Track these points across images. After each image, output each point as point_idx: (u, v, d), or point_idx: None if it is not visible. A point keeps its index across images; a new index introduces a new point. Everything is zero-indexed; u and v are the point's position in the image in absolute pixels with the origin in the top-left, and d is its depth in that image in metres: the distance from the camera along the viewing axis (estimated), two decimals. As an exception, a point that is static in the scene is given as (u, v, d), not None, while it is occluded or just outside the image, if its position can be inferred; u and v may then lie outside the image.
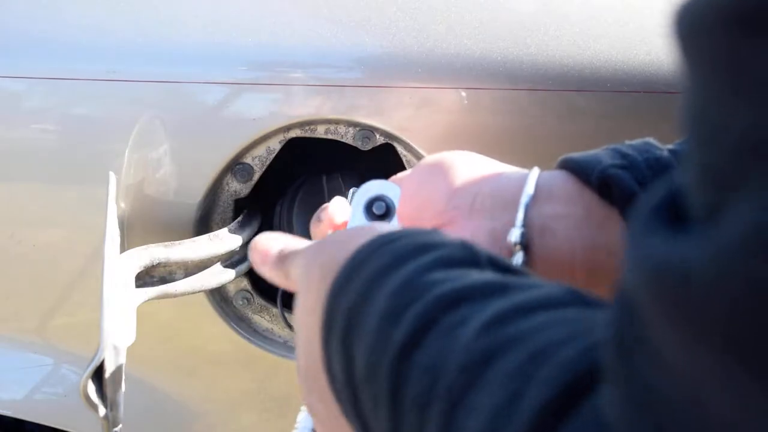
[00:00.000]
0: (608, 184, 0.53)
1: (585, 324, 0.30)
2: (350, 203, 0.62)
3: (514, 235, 0.53)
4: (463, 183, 0.56)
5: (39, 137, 0.85)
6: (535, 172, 0.57)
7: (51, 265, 0.88)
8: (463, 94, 0.80)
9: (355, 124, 0.82)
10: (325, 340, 0.39)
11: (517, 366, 0.29)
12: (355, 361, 0.36)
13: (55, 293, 0.89)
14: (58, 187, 0.86)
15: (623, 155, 0.55)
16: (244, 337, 0.90)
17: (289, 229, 0.91)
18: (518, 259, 0.54)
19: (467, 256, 0.37)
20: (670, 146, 0.58)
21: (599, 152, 0.56)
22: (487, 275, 0.36)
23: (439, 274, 0.35)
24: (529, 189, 0.54)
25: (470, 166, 0.57)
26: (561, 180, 0.56)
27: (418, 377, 0.32)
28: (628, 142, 0.58)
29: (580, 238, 0.54)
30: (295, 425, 0.55)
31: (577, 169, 0.55)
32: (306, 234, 0.89)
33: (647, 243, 0.24)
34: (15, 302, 0.91)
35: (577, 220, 0.54)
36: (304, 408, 0.54)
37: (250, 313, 0.91)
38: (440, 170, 0.57)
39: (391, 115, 0.81)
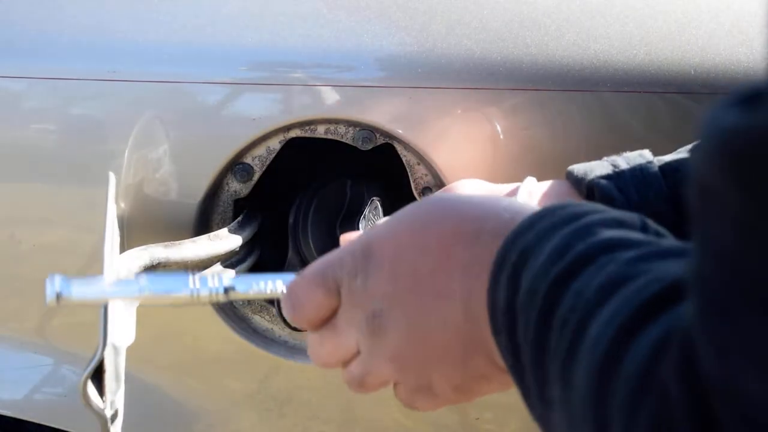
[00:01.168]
0: (593, 190, 0.63)
1: None
2: (364, 216, 0.65)
3: None
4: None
5: (39, 137, 0.85)
6: (528, 181, 0.67)
7: (51, 265, 0.88)
8: (463, 94, 0.80)
9: (355, 124, 0.82)
10: (494, 276, 0.44)
11: (636, 288, 0.36)
12: (520, 290, 0.42)
13: (55, 293, 0.89)
14: (58, 187, 0.86)
15: (614, 166, 0.66)
16: (244, 337, 0.90)
17: (304, 234, 0.90)
18: None
19: (627, 219, 0.43)
20: (665, 157, 0.65)
21: (595, 164, 0.67)
22: (640, 235, 0.42)
23: (605, 229, 0.42)
24: (521, 197, 0.66)
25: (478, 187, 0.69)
26: (558, 186, 0.68)
27: (568, 299, 0.39)
28: (625, 153, 0.68)
29: None
30: None
31: (571, 178, 0.67)
32: (321, 238, 0.89)
33: (717, 118, 0.28)
34: (15, 302, 0.91)
35: None
36: None
37: (250, 313, 0.91)
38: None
39: (391, 115, 0.81)
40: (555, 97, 0.80)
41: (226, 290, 0.59)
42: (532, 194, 0.68)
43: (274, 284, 0.60)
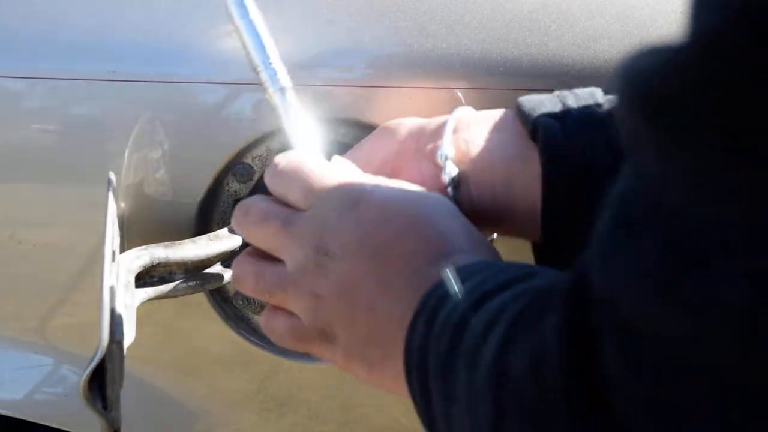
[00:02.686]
0: (537, 128, 0.63)
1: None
2: None
3: (439, 153, 0.65)
4: (408, 135, 0.69)
5: (39, 137, 0.85)
6: (457, 113, 0.69)
7: (51, 265, 0.88)
8: (463, 94, 0.80)
9: (355, 124, 0.82)
10: (413, 321, 0.49)
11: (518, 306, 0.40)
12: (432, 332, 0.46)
13: (55, 293, 0.89)
14: (58, 187, 0.86)
15: (563, 104, 0.65)
16: (244, 337, 0.90)
17: None
18: (451, 172, 0.65)
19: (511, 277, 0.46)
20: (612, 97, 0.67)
21: (545, 99, 0.67)
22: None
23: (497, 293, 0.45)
24: (454, 116, 0.68)
25: (415, 121, 0.71)
26: (503, 114, 0.68)
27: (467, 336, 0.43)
28: (577, 91, 0.68)
29: (500, 154, 0.65)
30: None
31: (519, 112, 0.66)
32: None
33: (631, 62, 0.30)
34: (15, 302, 0.91)
35: (501, 142, 0.65)
36: None
37: (250, 313, 0.91)
38: (388, 131, 0.71)
39: (390, 115, 0.81)
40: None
41: (282, 90, 0.68)
42: (460, 129, 0.69)
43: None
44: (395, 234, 0.52)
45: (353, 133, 0.83)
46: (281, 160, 0.62)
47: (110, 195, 0.71)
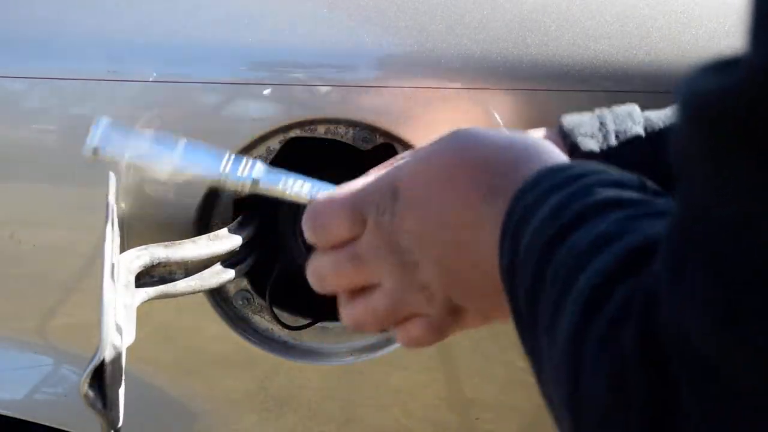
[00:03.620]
0: (576, 149, 0.65)
1: None
2: None
3: None
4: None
5: (39, 137, 0.85)
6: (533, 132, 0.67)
7: (51, 265, 0.88)
8: (463, 94, 0.80)
9: (355, 124, 0.82)
10: (503, 232, 0.46)
11: (623, 243, 0.37)
12: (520, 248, 0.44)
13: (55, 293, 0.89)
14: (58, 187, 0.86)
15: (602, 124, 0.67)
16: (244, 337, 0.90)
17: (294, 228, 0.91)
18: None
19: (626, 181, 0.44)
20: (651, 114, 0.68)
21: (585, 119, 0.68)
22: (637, 195, 0.43)
23: (602, 189, 0.43)
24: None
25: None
26: (546, 134, 0.69)
27: (560, 256, 0.40)
28: (616, 109, 0.69)
29: None
30: None
31: (561, 131, 0.68)
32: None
33: (692, 83, 0.30)
34: (15, 302, 0.91)
35: None
36: None
37: (250, 313, 0.91)
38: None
39: (391, 115, 0.81)
40: (555, 97, 0.80)
41: (254, 181, 0.61)
42: None
43: (300, 188, 0.60)
44: (446, 184, 0.50)
45: (353, 133, 0.83)
46: (311, 213, 0.57)
47: (110, 195, 0.71)
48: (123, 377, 0.61)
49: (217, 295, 0.89)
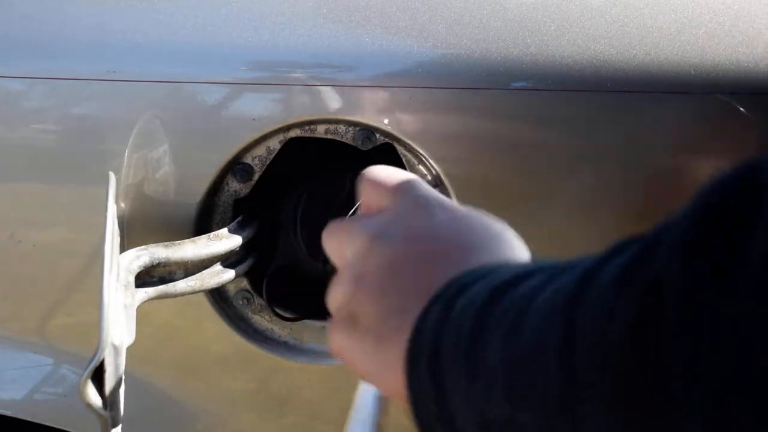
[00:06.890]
0: None
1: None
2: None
3: None
4: None
5: (39, 137, 0.85)
6: None
7: (51, 265, 0.88)
8: (463, 94, 0.80)
9: (355, 124, 0.82)
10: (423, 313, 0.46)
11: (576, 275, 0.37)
12: (451, 313, 0.43)
13: (55, 293, 0.89)
14: (58, 187, 0.86)
15: None
16: (244, 337, 0.90)
17: (293, 228, 0.91)
18: None
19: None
20: None
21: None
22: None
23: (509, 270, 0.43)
24: None
25: None
26: None
27: (504, 303, 0.40)
28: None
29: None
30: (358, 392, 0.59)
31: None
32: (311, 233, 0.89)
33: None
34: (15, 302, 0.91)
35: None
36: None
37: (250, 313, 0.91)
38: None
39: (391, 115, 0.81)
40: (555, 97, 0.80)
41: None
42: None
43: None
44: (436, 228, 0.52)
45: (353, 133, 0.82)
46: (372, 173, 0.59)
47: (110, 195, 0.71)
48: (123, 377, 0.61)
49: (217, 295, 0.89)
